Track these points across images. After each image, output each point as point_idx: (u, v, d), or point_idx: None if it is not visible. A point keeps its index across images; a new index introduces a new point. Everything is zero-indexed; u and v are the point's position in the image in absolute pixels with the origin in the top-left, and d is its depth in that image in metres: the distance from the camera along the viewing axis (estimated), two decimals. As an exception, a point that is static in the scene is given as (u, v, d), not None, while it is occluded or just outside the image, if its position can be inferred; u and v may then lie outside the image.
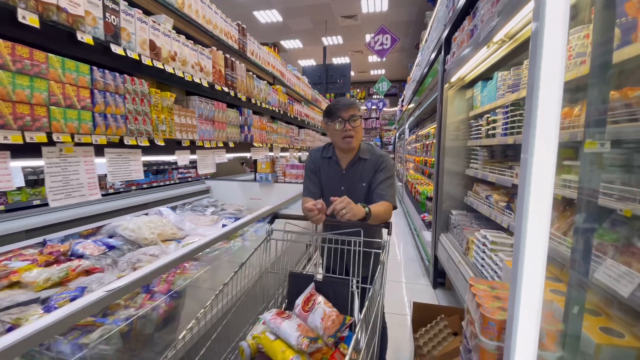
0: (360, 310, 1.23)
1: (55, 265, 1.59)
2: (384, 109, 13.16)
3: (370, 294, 1.11)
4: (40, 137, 1.06)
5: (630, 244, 1.10)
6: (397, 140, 11.46)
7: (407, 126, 7.71)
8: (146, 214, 2.37)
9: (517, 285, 0.84)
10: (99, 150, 1.30)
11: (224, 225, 2.31)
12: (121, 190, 4.22)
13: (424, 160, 5.93)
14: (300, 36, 9.71)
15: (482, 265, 1.97)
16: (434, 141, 4.37)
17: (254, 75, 2.85)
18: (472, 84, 2.86)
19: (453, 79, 2.80)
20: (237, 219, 2.70)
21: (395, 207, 1.55)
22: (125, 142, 1.38)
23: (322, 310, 1.14)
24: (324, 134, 6.58)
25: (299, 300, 1.22)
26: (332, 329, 1.11)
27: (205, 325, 1.06)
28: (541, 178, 0.81)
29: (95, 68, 1.24)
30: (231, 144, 2.40)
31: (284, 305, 1.38)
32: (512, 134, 1.93)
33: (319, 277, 1.32)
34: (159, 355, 1.19)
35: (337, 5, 7.63)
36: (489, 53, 2.01)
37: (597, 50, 0.96)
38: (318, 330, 1.10)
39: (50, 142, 1.11)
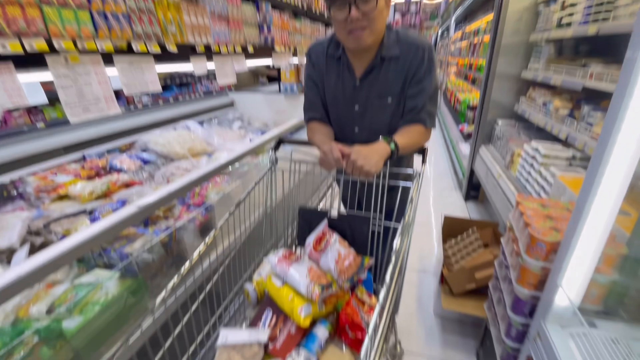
0: (383, 250, 1.08)
1: (97, 178, 1.68)
2: (427, 1, 11.24)
3: (398, 232, 0.87)
4: (40, 44, 0.95)
5: None
6: (439, 39, 10.07)
7: (453, 20, 6.61)
8: (174, 129, 2.36)
9: (585, 203, 0.72)
10: (109, 59, 1.18)
11: (252, 141, 2.26)
12: (149, 105, 4.21)
13: (468, 63, 5.22)
14: None
15: (527, 180, 1.83)
16: (485, 37, 3.74)
17: (273, -41, 2.38)
18: (549, -47, 2.20)
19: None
20: (262, 132, 2.64)
21: (432, 127, 1.11)
22: (134, 49, 1.24)
23: (337, 250, 0.96)
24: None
25: (310, 239, 1.04)
26: (349, 271, 0.95)
27: (210, 265, 0.95)
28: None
29: (81, -48, 1.03)
30: (250, 49, 2.16)
31: (293, 247, 1.19)
32: (596, 22, 1.52)
33: (334, 212, 1.10)
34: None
35: None
36: None
37: None
38: (332, 272, 0.94)
39: (53, 50, 1.00)
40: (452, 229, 1.96)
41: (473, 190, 3.04)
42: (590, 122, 1.55)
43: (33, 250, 1.07)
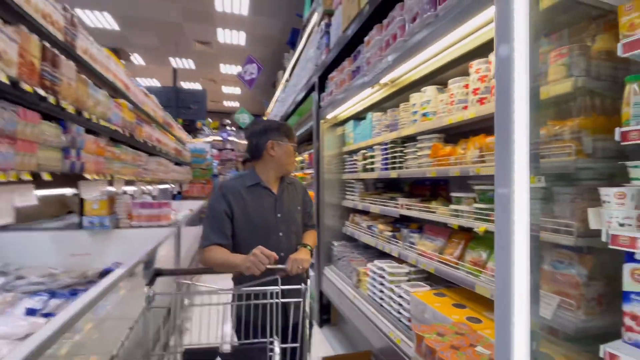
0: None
1: None
2: (240, 141, 12.92)
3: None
4: None
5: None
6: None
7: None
8: None
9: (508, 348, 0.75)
10: None
11: (28, 310, 1.40)
12: None
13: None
14: (141, 52, 8.41)
15: (382, 298, 1.96)
16: (304, 173, 4.46)
17: (89, 82, 2.08)
18: (343, 122, 3.06)
19: (329, 116, 2.91)
20: (50, 292, 1.72)
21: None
22: None
23: None
24: (177, 164, 5.67)
25: None
26: None
27: None
28: (521, 212, 0.77)
29: None
30: (46, 176, 1.57)
31: None
32: (395, 169, 2.09)
33: (227, 347, 1.13)
34: None
35: (191, 28, 7.08)
36: (371, 93, 2.16)
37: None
38: None
39: None
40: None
41: (324, 314, 3.01)
42: (412, 241, 1.93)
43: None
